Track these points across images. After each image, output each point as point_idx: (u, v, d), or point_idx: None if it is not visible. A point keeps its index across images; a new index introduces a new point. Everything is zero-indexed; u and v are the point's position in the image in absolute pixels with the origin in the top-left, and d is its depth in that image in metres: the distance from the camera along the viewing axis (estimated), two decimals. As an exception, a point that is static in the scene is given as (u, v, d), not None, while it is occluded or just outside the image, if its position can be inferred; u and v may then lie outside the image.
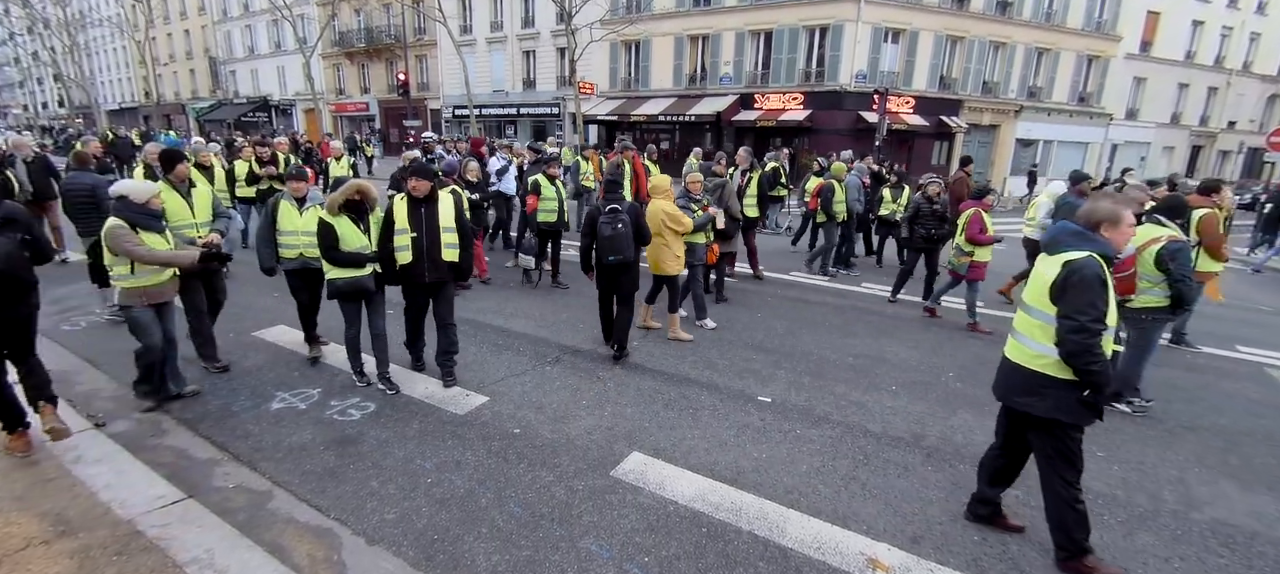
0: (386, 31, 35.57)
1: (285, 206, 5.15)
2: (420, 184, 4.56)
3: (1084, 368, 2.81)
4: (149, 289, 4.26)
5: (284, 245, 5.16)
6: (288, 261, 5.22)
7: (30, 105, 66.82)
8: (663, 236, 5.96)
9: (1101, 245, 2.88)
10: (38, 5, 39.69)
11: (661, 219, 5.92)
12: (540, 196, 7.93)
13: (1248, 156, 34.68)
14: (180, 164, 5.04)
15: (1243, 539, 3.49)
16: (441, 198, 4.74)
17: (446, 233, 4.71)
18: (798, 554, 3.21)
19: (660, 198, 6.05)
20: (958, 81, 25.48)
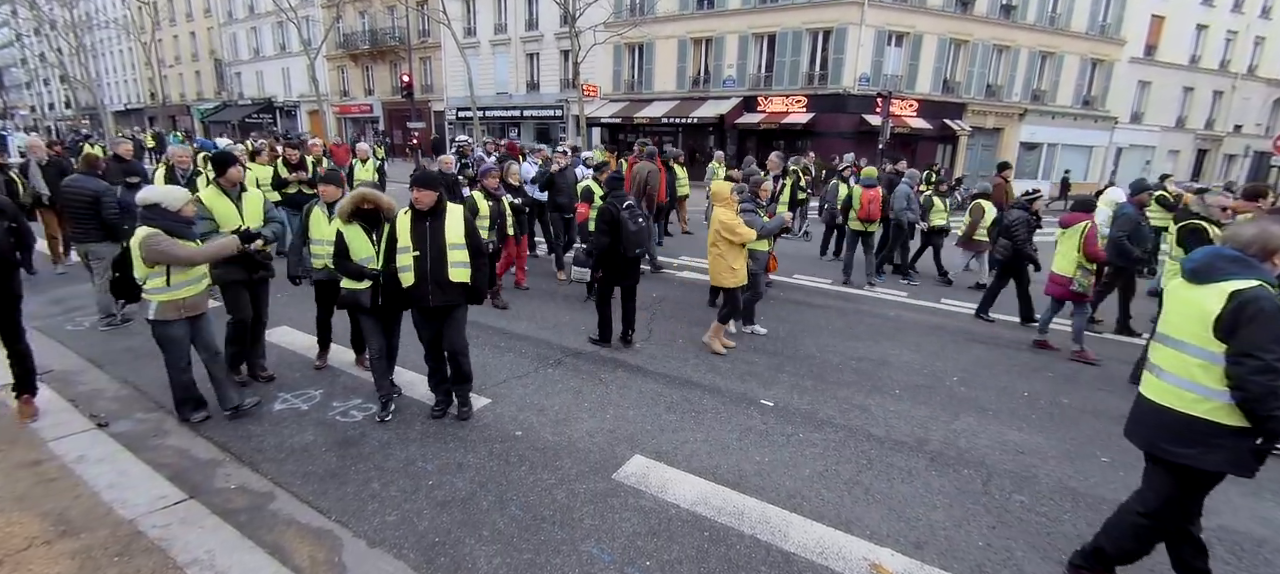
0: (390, 33, 35.70)
1: (317, 213, 4.89)
2: (423, 195, 4.04)
3: (1266, 413, 2.42)
4: (186, 302, 4.05)
5: (313, 255, 4.93)
6: (316, 272, 4.97)
7: (37, 106, 67.21)
8: (718, 248, 5.68)
9: (1266, 273, 2.55)
10: (45, 7, 39.91)
11: (716, 229, 5.65)
12: (593, 204, 7.45)
13: (1254, 160, 34.54)
14: (232, 167, 4.78)
15: (1250, 545, 3.46)
16: (449, 211, 4.21)
17: (454, 250, 4.16)
18: (800, 559, 3.19)
19: (721, 206, 5.69)
20: (961, 85, 25.45)
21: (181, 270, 3.96)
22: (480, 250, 4.30)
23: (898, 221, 9.32)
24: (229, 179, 4.74)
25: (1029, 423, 4.87)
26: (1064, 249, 6.30)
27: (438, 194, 4.12)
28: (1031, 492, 3.89)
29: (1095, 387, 5.68)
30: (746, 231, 5.64)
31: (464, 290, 4.29)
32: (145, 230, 3.84)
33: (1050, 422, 4.91)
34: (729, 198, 5.74)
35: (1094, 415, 5.06)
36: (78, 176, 6.25)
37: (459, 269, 4.19)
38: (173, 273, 3.93)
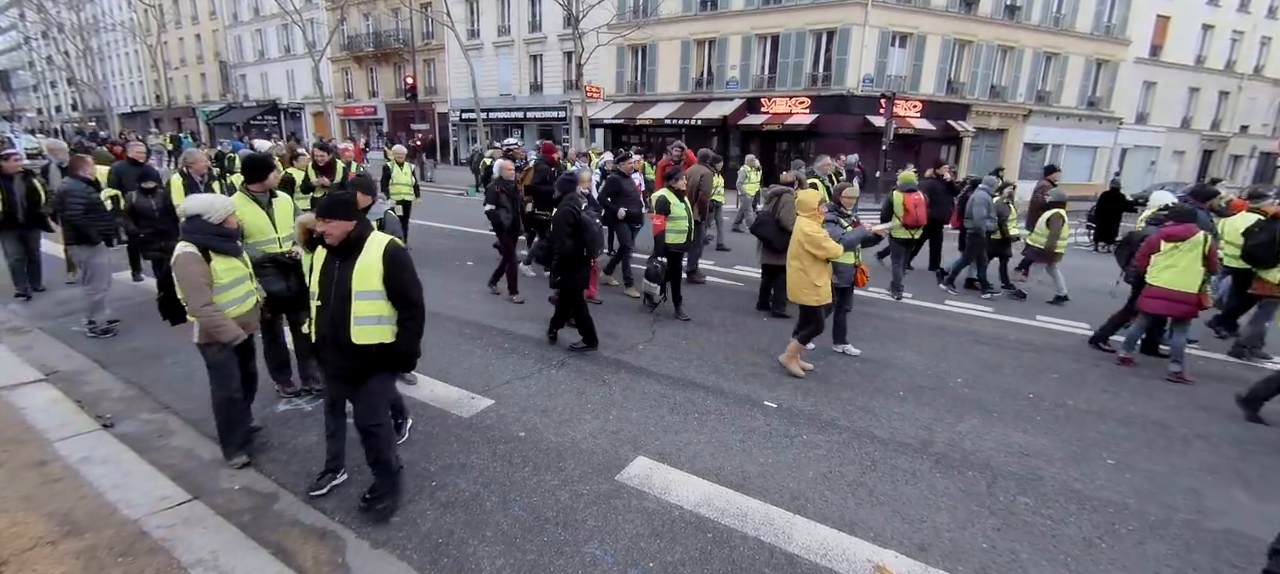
0: (394, 36, 35.80)
1: None
2: (333, 226, 3.08)
3: None
4: (237, 321, 3.68)
5: None
6: None
7: (44, 109, 67.63)
8: (800, 261, 5.29)
9: None
10: (52, 10, 40.21)
11: (799, 241, 5.27)
12: (669, 215, 6.94)
13: (1260, 161, 34.39)
14: (269, 173, 4.44)
15: (1258, 550, 3.43)
16: (367, 250, 3.13)
17: (362, 301, 3.13)
18: (804, 561, 3.18)
19: (805, 216, 5.30)
20: (965, 85, 25.37)
21: (225, 290, 3.60)
22: (409, 300, 3.21)
23: (976, 231, 8.64)
24: (265, 185, 4.41)
25: (1034, 425, 4.84)
26: (1182, 263, 5.76)
27: (353, 225, 3.13)
28: (1036, 494, 3.88)
29: (1100, 389, 5.66)
30: (832, 246, 5.19)
31: (376, 356, 3.21)
32: (180, 248, 3.47)
33: (1055, 423, 4.88)
34: (815, 208, 5.26)
35: (1099, 417, 5.03)
36: (64, 179, 6.27)
37: (367, 326, 3.16)
38: (216, 292, 3.55)
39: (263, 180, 4.40)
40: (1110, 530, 3.54)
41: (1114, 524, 3.60)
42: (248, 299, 3.80)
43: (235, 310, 3.67)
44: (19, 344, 5.73)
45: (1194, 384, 5.84)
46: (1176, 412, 5.20)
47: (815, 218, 5.29)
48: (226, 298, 3.62)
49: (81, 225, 5.96)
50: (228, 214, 3.61)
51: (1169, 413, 5.17)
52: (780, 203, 7.12)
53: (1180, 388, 5.75)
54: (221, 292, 3.58)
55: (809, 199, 5.34)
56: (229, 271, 3.61)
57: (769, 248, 7.26)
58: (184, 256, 3.43)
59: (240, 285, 3.71)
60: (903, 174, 8.83)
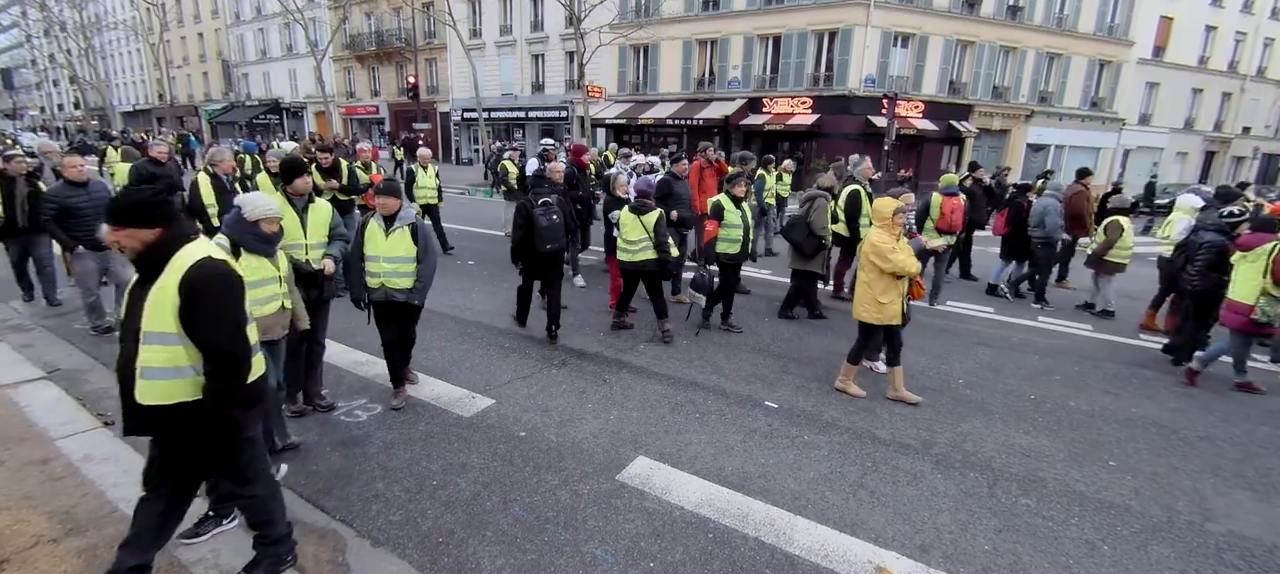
0: (397, 35, 35.84)
1: (373, 228, 4.41)
2: (125, 235, 2.31)
3: None
4: (256, 322, 3.30)
5: (368, 273, 4.45)
6: (372, 292, 4.48)
7: (46, 107, 67.77)
8: (866, 274, 4.91)
9: None
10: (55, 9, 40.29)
11: (867, 254, 4.90)
12: (722, 222, 6.41)
13: (1263, 162, 34.35)
14: (302, 176, 4.26)
15: (1261, 552, 3.43)
16: (168, 271, 2.32)
17: (150, 346, 2.32)
18: (804, 562, 3.17)
19: (879, 225, 4.90)
20: (968, 86, 25.35)
21: (249, 288, 3.11)
22: (212, 347, 2.36)
23: (1048, 239, 8.30)
24: (296, 189, 4.23)
25: (1036, 426, 4.83)
26: (1245, 274, 5.52)
27: (156, 234, 2.32)
28: (1038, 495, 3.87)
29: (1102, 391, 5.64)
30: (903, 260, 4.72)
31: (175, 422, 2.42)
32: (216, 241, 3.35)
33: (1057, 425, 4.87)
34: (889, 217, 4.82)
35: (1102, 419, 5.02)
36: (58, 182, 6.06)
37: (156, 381, 2.34)
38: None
39: (291, 182, 4.24)
40: (1112, 532, 3.53)
41: (1116, 526, 3.59)
42: (271, 302, 3.57)
43: (257, 311, 3.44)
44: (20, 342, 5.74)
45: (1264, 392, 5.69)
46: (1179, 414, 5.19)
47: (888, 228, 4.82)
48: (250, 297, 3.23)
49: (50, 230, 5.86)
50: (265, 216, 3.43)
51: (1171, 415, 5.16)
52: (813, 207, 6.94)
53: (1182, 390, 5.74)
54: (246, 289, 3.40)
55: (883, 207, 4.87)
56: (254, 270, 3.42)
57: (798, 253, 7.06)
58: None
59: (266, 286, 3.52)
60: (945, 176, 8.48)
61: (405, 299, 4.45)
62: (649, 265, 6.15)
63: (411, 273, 4.44)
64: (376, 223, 4.41)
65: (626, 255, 6.22)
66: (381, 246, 4.39)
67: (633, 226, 6.12)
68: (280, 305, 3.65)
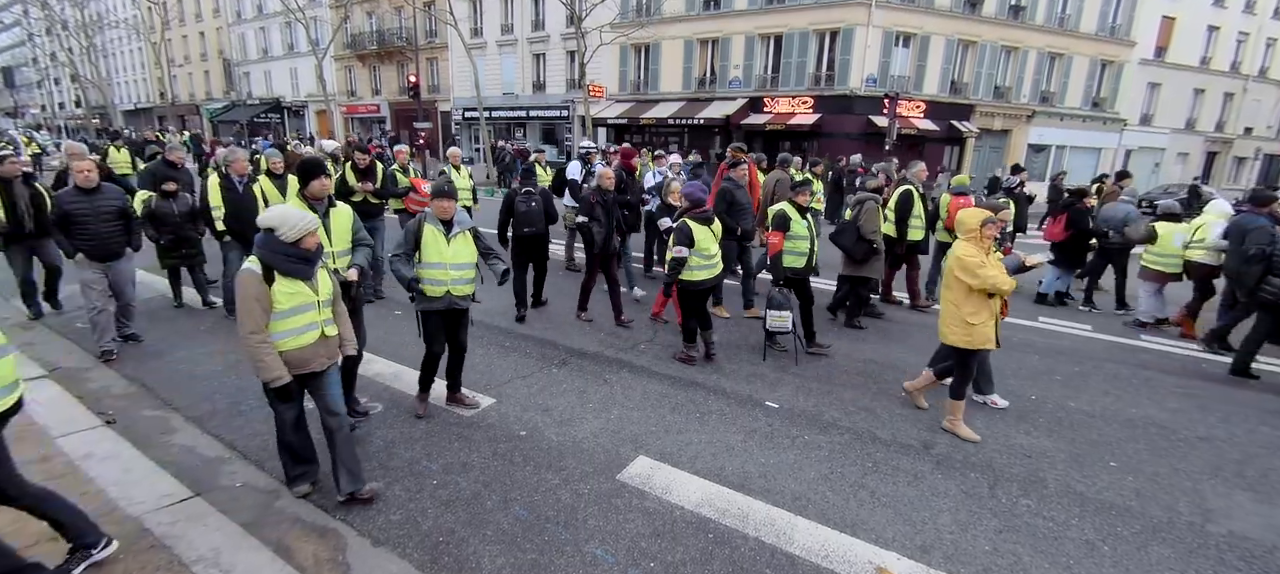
0: (398, 34, 35.83)
1: (431, 232, 4.15)
2: None
3: None
4: (290, 355, 3.19)
5: (429, 281, 4.20)
6: (431, 301, 4.24)
7: (47, 105, 67.83)
8: (952, 293, 4.44)
9: None
10: (56, 7, 40.32)
11: (952, 269, 4.42)
12: (788, 233, 5.85)
13: (1264, 163, 34.27)
14: (317, 179, 3.93)
15: (1261, 553, 3.42)
16: None
17: None
18: (805, 562, 3.17)
19: (966, 239, 4.41)
20: (969, 86, 25.31)
21: (281, 318, 3.15)
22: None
23: (1127, 245, 7.99)
24: (313, 193, 3.93)
25: (1036, 426, 4.83)
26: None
27: None
28: (1038, 496, 3.87)
29: (1103, 391, 5.64)
30: (993, 276, 4.24)
31: None
32: (247, 267, 3.09)
33: (1058, 425, 4.87)
34: (979, 230, 4.37)
35: (1102, 420, 5.02)
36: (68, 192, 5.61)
37: None
38: (272, 318, 3.13)
39: (308, 186, 3.92)
40: (1113, 533, 3.53)
41: (1116, 527, 3.59)
42: (309, 332, 3.25)
43: (290, 342, 3.18)
44: (22, 341, 5.75)
45: None
46: (1179, 414, 5.18)
47: (975, 241, 4.37)
48: (282, 326, 3.15)
49: (53, 235, 5.55)
50: (305, 232, 3.12)
51: (1172, 415, 5.15)
52: (862, 210, 6.72)
53: (1184, 390, 5.73)
54: (278, 318, 3.14)
55: (969, 218, 4.41)
56: (291, 297, 3.14)
57: (849, 259, 6.82)
58: (244, 274, 3.05)
59: (302, 314, 3.21)
60: (957, 177, 8.23)
61: (466, 305, 4.36)
62: (721, 279, 5.62)
63: (473, 279, 4.33)
64: (435, 228, 4.17)
65: (703, 271, 5.46)
66: (444, 253, 4.17)
67: (707, 238, 5.47)
68: (320, 334, 3.30)
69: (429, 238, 4.18)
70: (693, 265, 5.42)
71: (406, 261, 4.19)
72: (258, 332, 3.06)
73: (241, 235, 6.28)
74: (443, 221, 4.20)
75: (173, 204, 6.42)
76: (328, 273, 3.39)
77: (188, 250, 6.71)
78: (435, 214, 4.20)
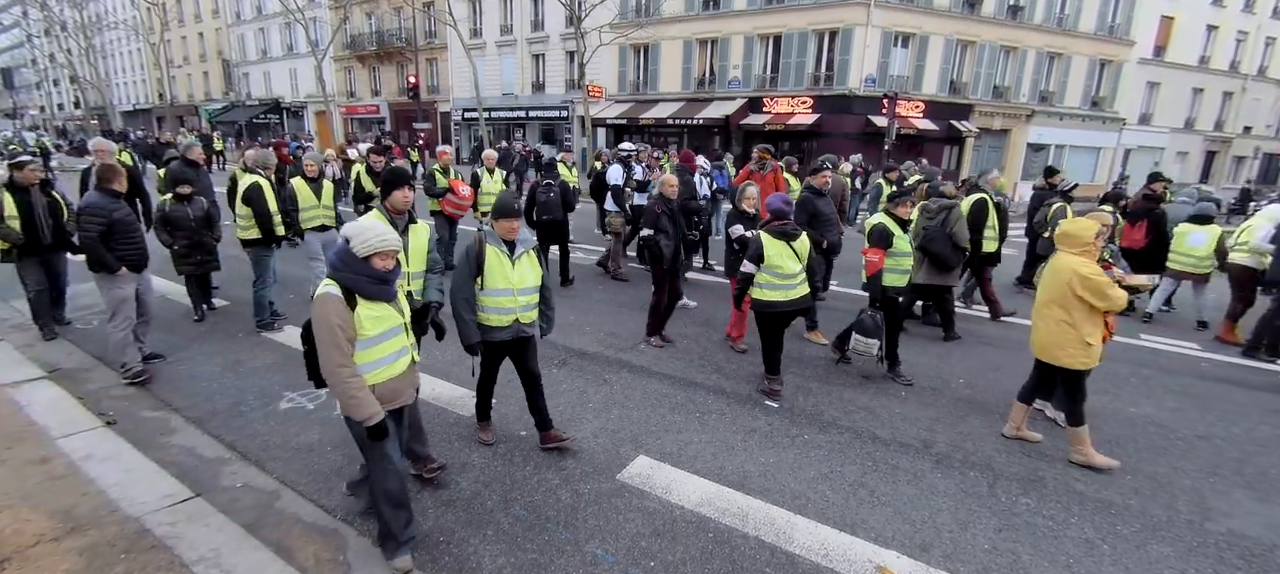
0: (397, 35, 35.85)
1: (494, 255, 3.66)
2: None
3: None
4: (381, 388, 2.84)
5: (492, 308, 3.73)
6: (497, 331, 3.77)
7: (46, 106, 67.82)
8: (1067, 311, 4.03)
9: None
10: (56, 8, 40.31)
11: (1069, 285, 3.98)
12: (890, 249, 5.29)
13: (1264, 162, 34.31)
14: (401, 189, 3.59)
15: (1260, 551, 3.43)
16: None
17: None
18: (805, 561, 3.18)
19: (1075, 251, 4.04)
20: (968, 86, 25.34)
21: (369, 345, 2.78)
22: None
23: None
24: (396, 205, 3.61)
25: (1035, 425, 4.83)
26: None
27: None
28: (1038, 494, 3.87)
29: (1102, 390, 5.64)
30: (1119, 295, 3.93)
31: None
32: (323, 289, 2.69)
33: (1057, 424, 4.87)
34: (1091, 242, 4.00)
35: (1101, 419, 5.02)
36: (89, 192, 5.14)
37: None
38: (356, 347, 2.74)
39: (389, 197, 3.60)
40: (1112, 531, 3.54)
41: (1116, 525, 3.59)
42: (399, 359, 2.91)
43: (380, 374, 2.83)
44: (22, 341, 5.75)
45: None
46: (1178, 413, 5.19)
47: (1092, 255, 4.01)
48: (370, 356, 2.78)
49: (94, 250, 4.88)
50: (379, 250, 2.71)
51: (1171, 414, 5.16)
52: (951, 216, 6.41)
53: (1182, 389, 5.74)
54: (364, 346, 2.76)
55: (1081, 231, 4.03)
56: (377, 321, 2.77)
57: (939, 265, 6.44)
58: (322, 298, 2.66)
59: (390, 340, 2.85)
60: (997, 180, 7.72)
61: (533, 334, 3.93)
62: (805, 303, 5.02)
63: (537, 304, 3.89)
64: (498, 249, 3.67)
65: (778, 293, 4.87)
66: (510, 277, 3.70)
67: (786, 255, 4.82)
68: (411, 360, 3.00)
69: (493, 261, 3.66)
70: (761, 283, 4.88)
71: (470, 307, 3.70)
72: (347, 364, 2.67)
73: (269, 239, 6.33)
74: (506, 243, 3.71)
75: (187, 208, 6.05)
76: (403, 295, 3.04)
77: (202, 257, 6.34)
78: (499, 233, 3.70)
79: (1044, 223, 8.02)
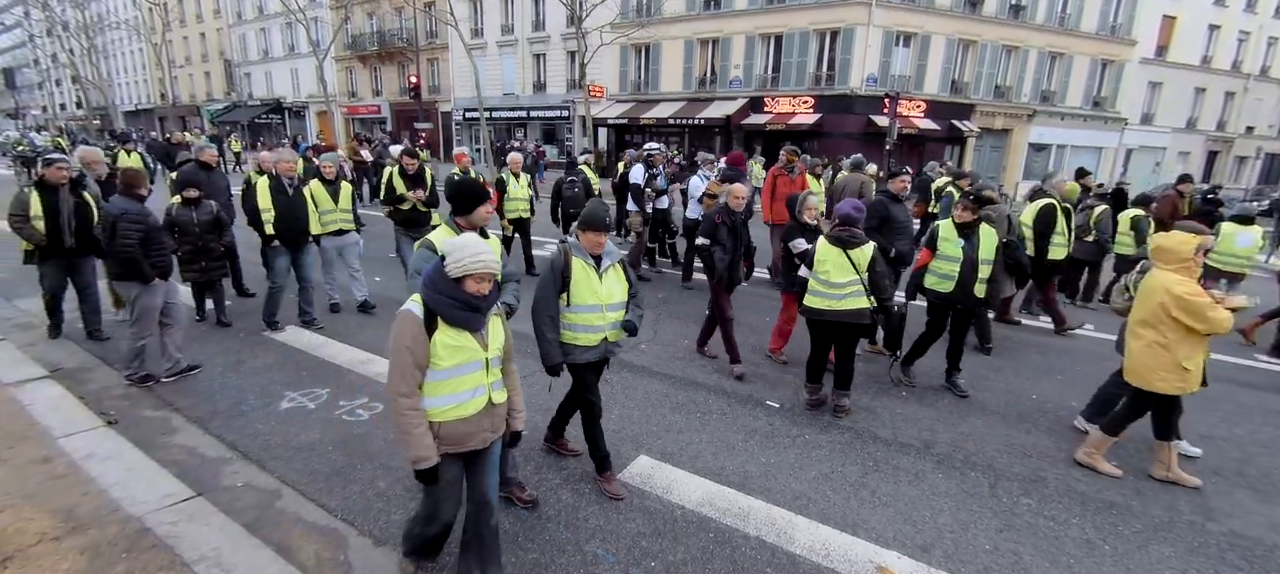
0: (398, 35, 35.89)
1: (581, 268, 3.38)
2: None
3: None
4: (446, 428, 2.49)
5: (579, 326, 3.43)
6: (585, 351, 3.49)
7: (48, 107, 67.93)
8: (1161, 333, 3.73)
9: None
10: (57, 8, 40.36)
11: (1163, 304, 3.69)
12: (936, 253, 5.21)
13: (1265, 162, 34.23)
14: (484, 205, 3.26)
15: (1262, 552, 3.43)
16: None
17: None
18: (806, 561, 3.17)
19: (1173, 267, 3.73)
20: (970, 86, 25.33)
21: (440, 378, 2.45)
22: None
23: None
24: (474, 222, 3.24)
25: (1037, 426, 4.83)
26: None
27: None
28: (1039, 495, 3.87)
29: (1104, 390, 5.63)
30: (1222, 316, 3.57)
31: None
32: (406, 310, 2.40)
33: (1058, 425, 4.87)
34: (1191, 258, 3.69)
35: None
36: (114, 197, 4.96)
37: None
38: (426, 376, 2.44)
39: (472, 214, 3.21)
40: (1113, 532, 3.53)
41: (1117, 526, 3.59)
42: (473, 399, 2.52)
43: (447, 413, 2.48)
44: (24, 341, 5.76)
45: None
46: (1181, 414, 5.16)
47: (1190, 272, 3.70)
48: (440, 390, 2.45)
49: (135, 259, 4.76)
50: (473, 272, 2.38)
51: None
52: (995, 224, 5.83)
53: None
54: (436, 378, 2.44)
55: (1178, 246, 3.71)
56: (454, 352, 2.43)
57: (1018, 274, 6.26)
58: (403, 315, 2.40)
59: (464, 375, 2.49)
60: (1068, 185, 7.34)
61: (617, 352, 3.70)
62: (859, 317, 4.58)
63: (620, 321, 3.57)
64: (584, 262, 3.39)
65: (821, 300, 4.60)
66: (599, 293, 3.41)
67: (837, 264, 4.54)
68: (487, 401, 2.57)
69: (579, 275, 3.39)
70: (810, 287, 4.69)
71: (554, 325, 3.42)
72: (409, 395, 2.39)
73: (293, 241, 6.17)
74: (593, 257, 3.42)
75: (193, 212, 5.83)
76: (501, 322, 2.67)
77: (208, 264, 6.07)
78: (586, 247, 3.41)
79: (1087, 227, 7.73)
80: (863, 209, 4.77)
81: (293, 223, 6.13)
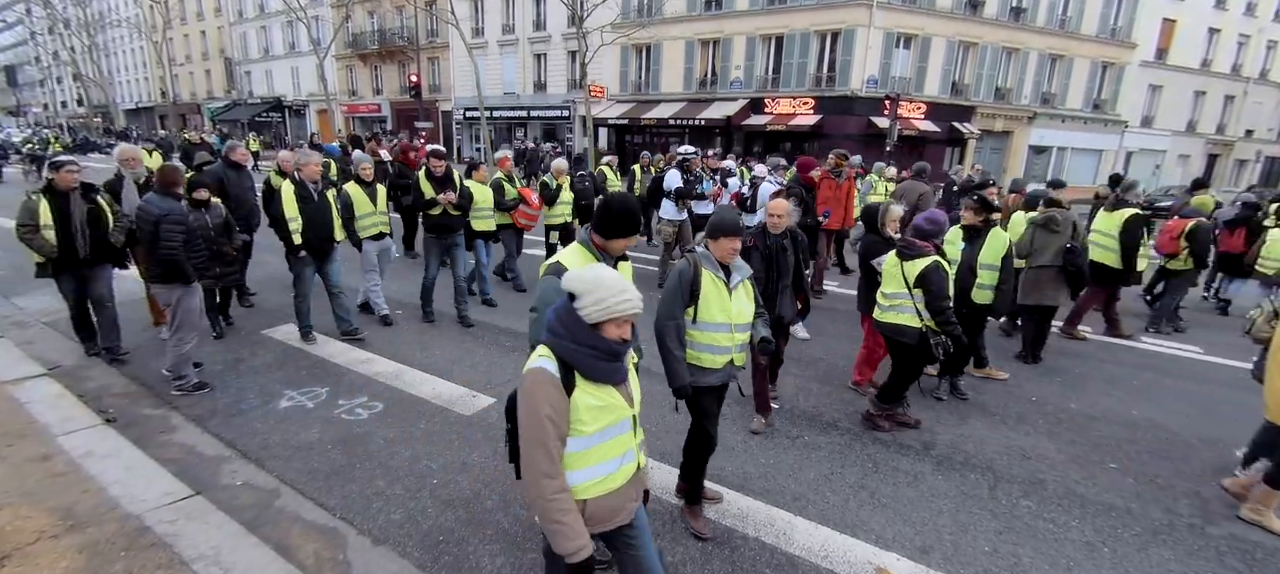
0: (399, 34, 35.88)
1: (711, 282, 3.05)
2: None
3: None
4: (595, 504, 2.01)
5: (704, 346, 3.10)
6: (708, 374, 3.14)
7: (49, 104, 67.94)
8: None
9: None
10: (58, 6, 40.39)
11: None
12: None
13: (1265, 165, 34.28)
14: (633, 237, 2.69)
15: (1262, 555, 3.42)
16: None
17: None
18: (805, 562, 3.17)
19: None
20: (970, 88, 25.34)
21: (584, 446, 1.96)
22: None
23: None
24: (614, 250, 2.71)
25: (1036, 427, 4.83)
26: None
27: None
28: (1038, 497, 3.87)
29: (1103, 392, 5.63)
30: None
31: None
32: (535, 367, 1.91)
33: (1058, 426, 4.87)
34: None
35: (1103, 421, 5.01)
36: (150, 196, 4.72)
37: None
38: (568, 446, 1.95)
39: (617, 239, 2.65)
40: (1113, 535, 3.53)
41: (1117, 528, 3.59)
42: (623, 467, 2.06)
43: (596, 487, 2.00)
44: (23, 339, 5.75)
45: None
46: (1180, 415, 5.17)
47: None
48: (586, 461, 1.97)
49: (179, 261, 4.61)
50: (617, 315, 1.90)
51: (1172, 417, 5.15)
52: (1079, 229, 5.98)
53: (1184, 393, 5.73)
54: (579, 446, 1.95)
55: None
56: (599, 414, 1.96)
57: (1075, 283, 5.97)
58: (535, 376, 1.89)
59: (613, 438, 2.02)
60: (1198, 198, 7.12)
61: (737, 375, 3.30)
62: (897, 333, 4.36)
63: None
64: (715, 275, 3.06)
65: (877, 310, 4.56)
66: (728, 310, 3.07)
67: (891, 273, 4.38)
68: (636, 466, 2.14)
69: (709, 289, 3.04)
70: (876, 301, 4.52)
71: (681, 342, 3.05)
72: (555, 476, 1.89)
73: (318, 249, 5.75)
74: (724, 266, 3.09)
75: (205, 214, 5.33)
76: (636, 372, 2.23)
77: (222, 270, 5.63)
78: (716, 256, 3.07)
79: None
80: (940, 223, 4.35)
81: (320, 230, 5.68)
